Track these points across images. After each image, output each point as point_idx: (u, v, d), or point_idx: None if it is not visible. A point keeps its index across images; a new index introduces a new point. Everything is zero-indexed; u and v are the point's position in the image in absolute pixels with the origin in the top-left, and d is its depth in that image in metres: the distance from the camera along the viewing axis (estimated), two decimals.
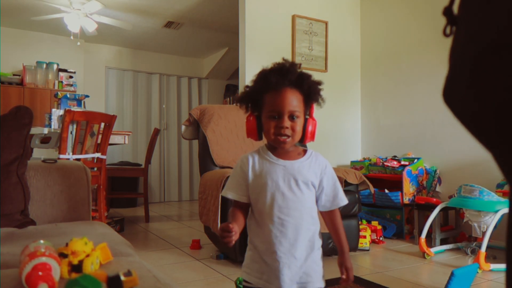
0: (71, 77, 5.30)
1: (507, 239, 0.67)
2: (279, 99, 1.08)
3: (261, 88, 1.11)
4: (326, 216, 1.20)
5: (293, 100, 1.09)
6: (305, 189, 1.12)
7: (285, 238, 1.09)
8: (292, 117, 1.08)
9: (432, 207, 2.96)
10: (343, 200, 1.18)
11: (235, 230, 1.00)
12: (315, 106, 1.17)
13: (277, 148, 1.14)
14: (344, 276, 1.18)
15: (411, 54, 3.77)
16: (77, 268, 0.74)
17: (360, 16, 4.30)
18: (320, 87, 1.15)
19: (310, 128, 1.14)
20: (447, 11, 0.55)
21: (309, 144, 3.41)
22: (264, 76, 1.11)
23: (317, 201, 1.16)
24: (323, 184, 1.15)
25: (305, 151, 1.17)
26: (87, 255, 0.76)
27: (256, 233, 1.13)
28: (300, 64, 1.16)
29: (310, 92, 1.13)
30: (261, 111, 1.13)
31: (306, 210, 1.12)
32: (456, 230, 3.21)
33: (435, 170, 3.49)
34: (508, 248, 0.66)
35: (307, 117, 1.15)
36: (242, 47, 3.71)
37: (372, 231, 3.15)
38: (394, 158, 3.69)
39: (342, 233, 1.20)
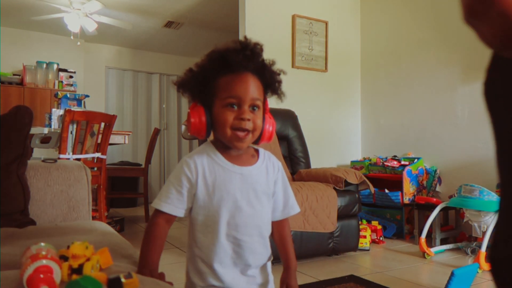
0: (71, 77, 5.30)
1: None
2: (241, 83, 0.88)
3: (215, 70, 0.89)
4: (274, 226, 1.01)
5: (256, 88, 0.90)
6: (265, 200, 0.95)
7: (240, 259, 0.92)
8: (253, 108, 0.89)
9: (432, 207, 2.96)
10: (295, 208, 1.01)
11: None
12: (275, 101, 0.99)
13: (228, 149, 0.93)
14: None
15: (411, 54, 3.77)
16: (77, 271, 0.74)
17: (360, 16, 4.29)
18: (280, 78, 0.97)
19: (268, 127, 0.95)
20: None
21: (309, 144, 3.43)
22: (221, 55, 0.89)
23: None
24: (275, 190, 0.98)
25: (257, 152, 0.99)
26: (88, 259, 0.76)
27: (205, 248, 0.93)
28: (262, 47, 0.95)
29: (272, 82, 0.95)
30: (211, 100, 0.90)
31: (265, 225, 0.96)
32: (456, 230, 3.21)
33: (435, 170, 3.49)
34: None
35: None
36: None
37: (372, 231, 3.15)
38: (394, 158, 3.69)
39: (290, 246, 1.03)
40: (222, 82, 0.89)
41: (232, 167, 0.93)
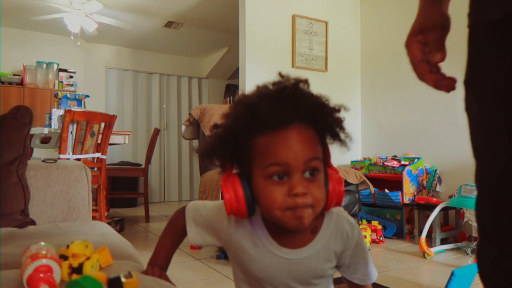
0: (71, 77, 5.30)
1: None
2: (285, 143, 0.63)
3: (246, 129, 0.65)
4: (350, 285, 0.82)
5: (309, 143, 0.65)
6: (319, 282, 0.75)
7: None
8: (311, 173, 0.65)
9: (432, 207, 2.96)
10: (373, 277, 0.81)
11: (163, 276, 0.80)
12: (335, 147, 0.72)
13: (280, 227, 0.68)
14: None
15: None
16: (77, 271, 0.74)
17: (360, 16, 4.30)
18: (341, 116, 0.71)
19: (333, 187, 0.69)
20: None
21: None
22: (252, 109, 0.64)
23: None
24: (344, 260, 0.76)
25: (322, 218, 0.74)
26: (87, 258, 0.76)
27: None
28: (307, 80, 0.69)
29: (331, 127, 0.69)
30: (248, 166, 0.67)
31: None
32: (456, 230, 3.21)
33: (435, 170, 3.49)
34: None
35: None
36: (242, 47, 3.71)
37: (372, 231, 3.15)
38: (394, 158, 3.69)
39: None
40: (259, 145, 0.64)
41: (278, 250, 0.71)
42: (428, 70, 0.70)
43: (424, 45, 0.72)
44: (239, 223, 0.73)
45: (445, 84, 0.68)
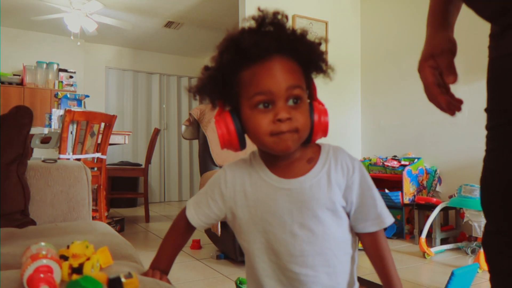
0: (71, 77, 5.30)
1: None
2: (267, 73, 0.67)
3: (232, 62, 0.69)
4: (365, 240, 0.79)
5: (291, 73, 0.68)
6: (329, 218, 0.72)
7: None
8: (293, 101, 0.68)
9: (432, 207, 2.96)
10: (387, 217, 0.77)
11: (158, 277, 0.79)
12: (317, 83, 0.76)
13: (274, 156, 0.72)
14: None
15: (411, 54, 3.76)
16: (77, 271, 0.74)
17: (360, 16, 4.30)
18: (322, 48, 0.75)
19: (318, 117, 0.73)
20: None
21: None
22: (235, 42, 0.69)
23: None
24: (352, 198, 0.75)
25: (318, 151, 0.76)
26: (88, 258, 0.76)
27: (254, 284, 0.77)
28: (286, 15, 0.72)
29: (312, 58, 0.72)
30: (236, 101, 0.71)
31: (334, 250, 0.73)
32: (456, 230, 3.21)
33: (435, 170, 3.49)
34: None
35: (309, 100, 0.74)
36: None
37: None
38: (394, 158, 3.69)
39: (390, 263, 0.80)
40: (245, 77, 0.68)
41: (278, 182, 0.72)
42: (440, 92, 0.78)
43: (435, 69, 0.77)
44: (236, 168, 0.76)
45: (454, 106, 0.76)
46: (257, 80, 0.67)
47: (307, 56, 0.71)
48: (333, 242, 0.73)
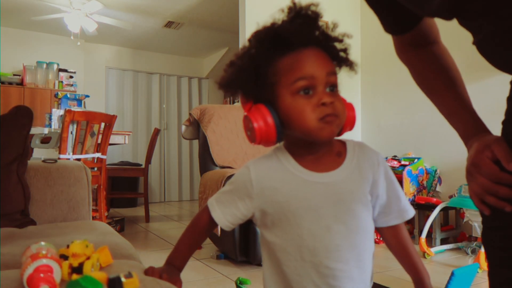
0: (71, 77, 5.30)
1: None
2: (309, 58, 0.68)
3: (269, 52, 0.69)
4: (387, 234, 0.82)
5: (328, 60, 0.71)
6: (361, 211, 0.73)
7: None
8: (331, 88, 0.70)
9: (432, 207, 2.96)
10: (409, 211, 0.78)
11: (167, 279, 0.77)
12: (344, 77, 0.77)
13: (304, 153, 0.73)
14: None
15: None
16: (77, 270, 0.74)
17: (360, 16, 4.30)
18: (347, 43, 0.77)
19: (349, 111, 0.75)
20: None
21: None
22: (274, 31, 0.70)
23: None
24: (378, 192, 0.75)
25: (344, 146, 0.76)
26: (88, 258, 0.76)
27: (287, 282, 0.73)
28: (318, 4, 0.73)
29: (339, 51, 0.74)
30: (272, 92, 0.70)
31: (365, 244, 0.74)
32: (456, 230, 3.21)
33: (435, 170, 3.49)
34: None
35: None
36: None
37: None
38: (394, 158, 3.69)
39: (415, 253, 0.80)
40: (284, 64, 0.68)
41: (310, 175, 0.71)
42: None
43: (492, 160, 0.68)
44: (260, 164, 0.74)
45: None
46: (299, 66, 0.67)
47: (335, 49, 0.73)
48: (364, 236, 0.73)
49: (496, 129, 0.86)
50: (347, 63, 0.76)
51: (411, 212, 0.78)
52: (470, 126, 0.78)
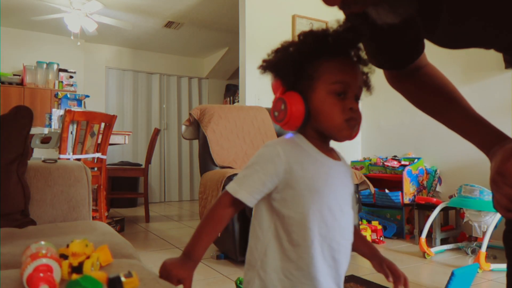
0: (71, 77, 5.30)
1: (504, 236, 0.71)
2: (349, 68, 0.79)
3: (316, 52, 0.78)
4: None
5: (361, 74, 0.83)
6: (352, 203, 0.89)
7: (336, 270, 0.83)
8: (356, 100, 0.81)
9: (432, 207, 2.96)
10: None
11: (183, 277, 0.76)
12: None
13: (320, 142, 0.83)
14: (391, 279, 0.89)
15: None
16: (77, 269, 0.74)
17: None
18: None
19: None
20: None
21: None
22: (326, 35, 0.79)
23: None
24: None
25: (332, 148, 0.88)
26: (88, 257, 0.76)
27: (285, 259, 0.80)
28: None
29: (368, 72, 0.86)
30: (308, 86, 0.79)
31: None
32: (456, 230, 3.21)
33: (436, 170, 3.49)
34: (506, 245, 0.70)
35: None
36: (242, 47, 3.71)
37: (373, 231, 3.15)
38: (394, 158, 3.69)
39: (363, 236, 1.00)
40: (328, 65, 0.78)
41: (329, 161, 0.82)
42: None
43: None
44: (286, 145, 0.81)
45: None
46: (340, 71, 0.78)
47: (366, 70, 0.85)
48: (351, 219, 0.86)
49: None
50: (368, 85, 0.86)
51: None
52: (487, 135, 0.77)
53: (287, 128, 0.80)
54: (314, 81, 0.78)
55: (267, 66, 0.82)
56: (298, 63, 0.78)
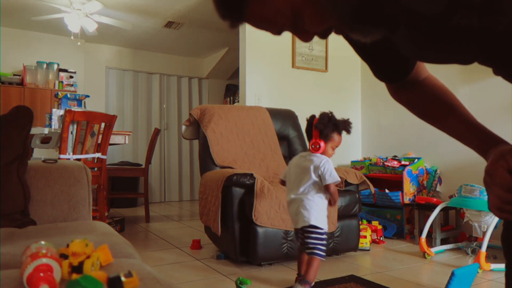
0: (71, 77, 5.30)
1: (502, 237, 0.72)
2: (340, 140, 2.22)
3: (332, 128, 2.15)
4: None
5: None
6: None
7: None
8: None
9: (432, 207, 2.96)
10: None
11: None
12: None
13: None
14: None
15: None
16: (77, 269, 0.74)
17: None
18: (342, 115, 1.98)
19: None
20: None
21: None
22: (335, 122, 2.18)
23: None
24: None
25: None
26: (88, 257, 0.76)
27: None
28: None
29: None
30: (327, 140, 2.12)
31: None
32: (456, 230, 3.21)
33: (436, 170, 3.49)
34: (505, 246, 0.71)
35: None
36: (242, 47, 3.71)
37: (373, 231, 3.15)
38: (394, 158, 3.69)
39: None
40: (336, 136, 2.14)
41: None
42: None
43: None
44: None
45: None
46: (339, 140, 2.28)
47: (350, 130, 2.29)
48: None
49: (496, 128, 0.86)
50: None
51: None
52: (484, 139, 0.79)
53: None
54: (329, 140, 2.09)
55: (319, 125, 2.09)
56: (330, 131, 2.11)
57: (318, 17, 0.60)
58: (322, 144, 2.05)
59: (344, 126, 2.16)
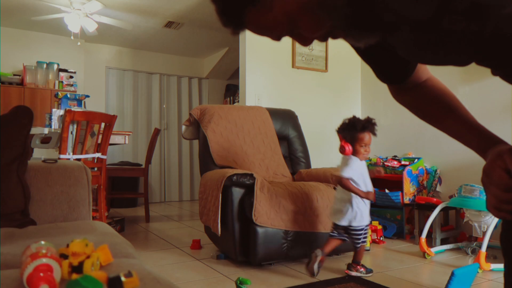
0: (71, 77, 5.30)
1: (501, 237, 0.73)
2: (367, 137, 2.42)
3: (356, 130, 2.36)
4: None
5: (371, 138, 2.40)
6: None
7: None
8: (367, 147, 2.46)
9: (432, 207, 2.96)
10: None
11: None
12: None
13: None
14: None
15: None
16: (77, 269, 0.74)
17: None
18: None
19: None
20: None
21: (309, 144, 3.44)
22: (355, 123, 2.35)
23: None
24: None
25: None
26: (88, 257, 0.76)
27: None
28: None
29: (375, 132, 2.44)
30: (353, 141, 2.33)
31: None
32: (456, 230, 3.21)
33: (436, 170, 3.49)
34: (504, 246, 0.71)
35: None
36: (242, 47, 3.71)
37: (373, 231, 3.15)
38: (394, 158, 3.69)
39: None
40: (360, 135, 2.31)
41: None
42: None
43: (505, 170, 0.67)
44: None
45: None
46: (364, 138, 2.42)
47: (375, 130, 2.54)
48: None
49: (496, 128, 0.86)
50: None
51: None
52: (483, 139, 0.79)
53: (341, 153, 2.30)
54: (355, 141, 2.32)
55: (340, 128, 2.34)
56: (352, 132, 2.31)
57: (314, 24, 0.62)
58: (347, 147, 2.29)
59: (363, 124, 2.35)
